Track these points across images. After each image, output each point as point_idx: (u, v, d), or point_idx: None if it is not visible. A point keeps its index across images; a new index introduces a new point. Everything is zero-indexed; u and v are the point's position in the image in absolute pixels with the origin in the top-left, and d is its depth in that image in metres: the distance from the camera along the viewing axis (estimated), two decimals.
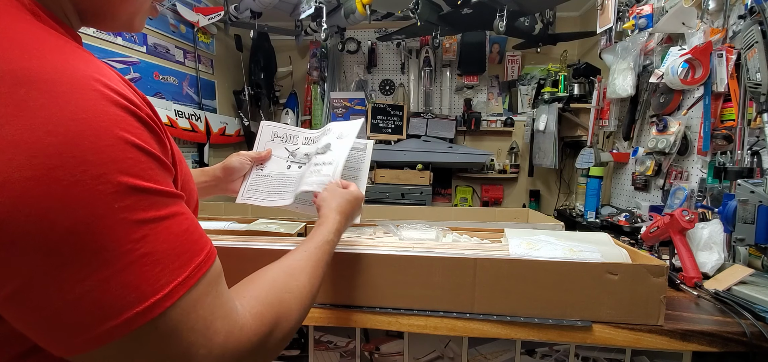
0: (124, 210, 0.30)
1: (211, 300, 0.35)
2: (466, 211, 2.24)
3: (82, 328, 0.29)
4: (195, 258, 0.34)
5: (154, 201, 0.32)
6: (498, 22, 2.27)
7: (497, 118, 3.34)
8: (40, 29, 0.32)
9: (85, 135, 0.29)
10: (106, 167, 0.29)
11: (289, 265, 0.50)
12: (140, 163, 0.32)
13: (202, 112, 2.78)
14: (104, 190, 0.29)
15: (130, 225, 0.30)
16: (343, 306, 0.80)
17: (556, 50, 3.16)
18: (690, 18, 1.53)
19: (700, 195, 1.47)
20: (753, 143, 1.26)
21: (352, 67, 3.47)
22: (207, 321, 0.34)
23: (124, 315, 0.30)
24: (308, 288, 0.49)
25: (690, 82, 1.46)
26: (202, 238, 0.36)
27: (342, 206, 0.68)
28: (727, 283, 0.93)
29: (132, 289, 0.30)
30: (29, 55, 0.29)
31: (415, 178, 3.07)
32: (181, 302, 0.32)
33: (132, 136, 0.31)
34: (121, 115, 0.31)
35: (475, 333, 0.76)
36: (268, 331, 0.40)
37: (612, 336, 0.73)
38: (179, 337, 0.33)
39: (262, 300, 0.42)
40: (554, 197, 3.28)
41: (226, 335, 0.35)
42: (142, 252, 0.31)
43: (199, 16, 2.65)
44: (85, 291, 0.29)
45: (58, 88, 0.29)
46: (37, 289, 0.28)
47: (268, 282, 0.45)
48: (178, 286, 0.32)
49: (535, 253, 0.77)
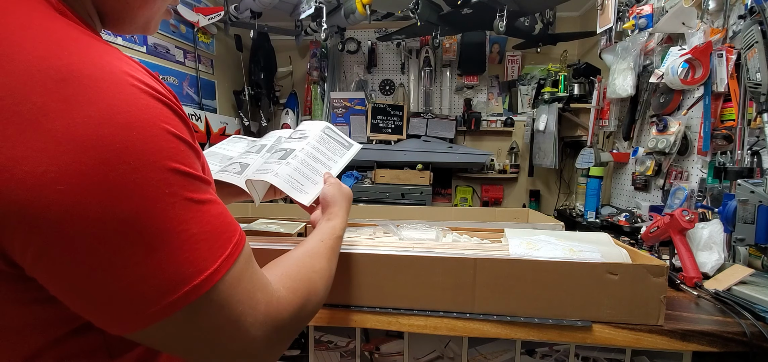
0: (174, 195, 0.32)
1: (250, 274, 0.39)
2: (466, 211, 2.24)
3: (144, 305, 0.31)
4: (233, 237, 0.37)
5: (196, 186, 0.35)
6: (498, 22, 2.27)
7: (497, 118, 3.34)
8: (71, 27, 0.33)
9: (134, 126, 0.30)
10: (155, 156, 0.31)
11: (311, 250, 0.55)
12: (181, 151, 0.34)
13: (202, 112, 2.78)
14: (156, 177, 0.31)
15: (181, 208, 0.33)
16: (343, 306, 0.80)
17: (556, 50, 3.15)
18: (690, 18, 1.53)
19: (700, 195, 1.47)
20: (753, 143, 1.26)
21: (352, 67, 3.47)
22: (250, 293, 0.38)
23: (182, 290, 0.32)
24: (328, 270, 0.55)
25: (690, 82, 1.46)
26: (233, 221, 0.39)
27: (347, 207, 0.71)
28: (727, 283, 0.93)
29: (187, 265, 0.33)
30: (68, 52, 0.30)
31: (415, 178, 3.07)
32: (228, 276, 0.35)
33: (170, 126, 0.33)
34: (159, 107, 0.33)
35: (475, 333, 0.76)
36: (302, 304, 0.45)
37: (612, 336, 0.73)
38: (230, 308, 0.36)
39: (294, 277, 0.46)
40: (554, 197, 3.28)
41: (266, 305, 0.39)
42: (192, 232, 0.33)
43: (199, 16, 2.65)
44: (147, 270, 0.31)
45: (101, 84, 0.30)
46: (100, 275, 0.30)
47: (297, 263, 0.50)
48: (224, 262, 0.35)
49: (535, 253, 0.77)
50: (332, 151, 0.83)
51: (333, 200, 0.69)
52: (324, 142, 0.84)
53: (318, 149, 0.82)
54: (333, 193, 0.70)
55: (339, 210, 0.68)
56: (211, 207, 0.36)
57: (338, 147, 0.86)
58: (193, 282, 0.33)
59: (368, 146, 3.22)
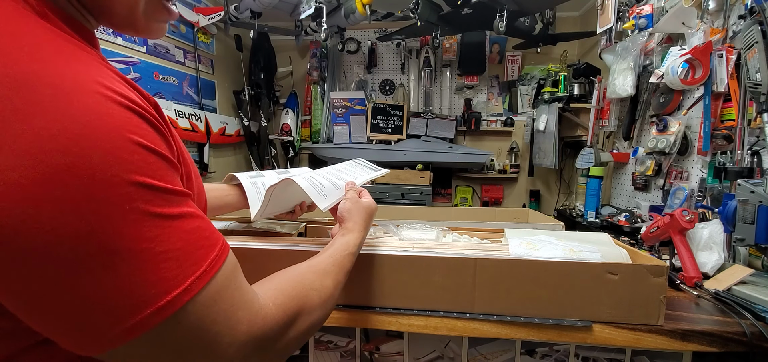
0: (137, 210, 0.30)
1: (231, 292, 0.36)
2: (466, 211, 2.24)
3: (103, 327, 0.30)
4: (209, 253, 0.35)
5: (165, 200, 0.32)
6: (498, 22, 2.27)
7: (497, 118, 3.34)
8: (43, 30, 0.31)
9: (91, 137, 0.28)
10: (115, 169, 0.29)
11: (317, 265, 0.52)
12: (149, 163, 0.32)
13: (202, 112, 2.78)
14: (115, 192, 0.29)
15: (144, 225, 0.30)
16: (344, 306, 0.80)
17: (556, 50, 3.16)
18: (690, 18, 1.53)
19: (700, 195, 1.47)
20: (753, 143, 1.26)
21: (352, 67, 3.47)
22: (228, 313, 0.35)
23: (144, 313, 0.30)
24: (331, 291, 0.51)
25: (690, 82, 1.46)
26: (213, 234, 0.37)
27: (366, 221, 0.68)
28: (727, 283, 0.93)
29: (150, 286, 0.30)
30: (30, 58, 0.28)
31: (415, 178, 3.07)
32: (200, 296, 0.33)
33: (138, 137, 0.31)
34: (127, 115, 0.31)
35: (475, 333, 0.76)
36: (290, 321, 0.42)
37: (612, 336, 0.73)
38: (203, 330, 0.33)
39: (287, 293, 0.43)
40: (554, 197, 3.28)
41: (248, 324, 0.37)
42: (157, 250, 0.31)
43: (199, 16, 2.65)
44: (103, 292, 0.29)
45: (59, 91, 0.28)
46: (56, 296, 0.28)
47: (295, 278, 0.47)
48: (195, 281, 0.33)
49: (535, 253, 0.77)
50: (358, 171, 0.86)
51: (349, 215, 0.67)
52: (352, 165, 0.88)
53: (343, 169, 0.84)
54: (349, 208, 0.68)
55: (354, 226, 0.65)
56: (183, 222, 0.33)
57: (365, 168, 0.89)
58: (157, 304, 0.31)
59: (368, 146, 3.22)
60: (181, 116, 2.57)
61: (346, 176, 0.80)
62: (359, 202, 0.70)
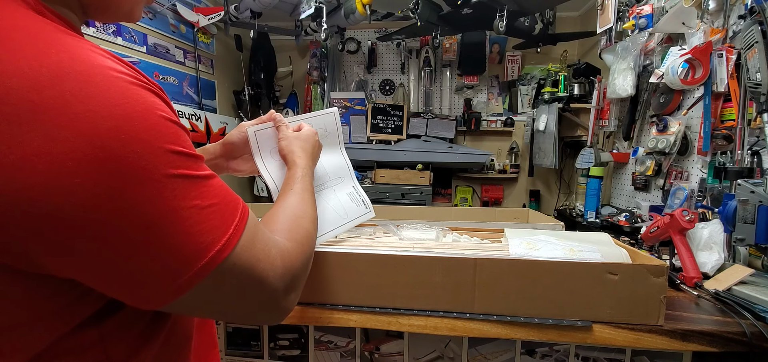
0: (180, 175, 0.34)
1: (262, 236, 0.42)
2: (466, 211, 2.24)
3: (171, 278, 0.34)
4: (238, 206, 0.40)
5: (197, 164, 0.37)
6: (498, 22, 2.27)
7: (497, 118, 3.34)
8: (53, 26, 0.33)
9: (134, 117, 0.32)
10: (158, 141, 0.33)
11: (292, 203, 0.60)
12: (178, 134, 0.35)
13: (202, 112, 2.78)
14: (162, 161, 0.33)
15: (188, 186, 0.35)
16: (344, 306, 0.80)
17: (556, 50, 3.15)
18: (690, 18, 1.52)
19: (700, 195, 1.47)
20: (753, 143, 1.26)
21: (352, 67, 3.47)
22: (266, 251, 0.42)
23: (204, 259, 0.35)
24: (311, 213, 0.61)
25: (690, 82, 1.46)
26: (232, 192, 0.42)
27: (303, 146, 0.74)
28: (727, 283, 0.93)
29: (205, 235, 0.35)
30: (57, 51, 0.31)
31: (415, 178, 3.07)
32: (242, 239, 0.39)
33: (163, 112, 0.35)
34: (150, 96, 0.35)
35: (475, 333, 0.76)
36: (305, 249, 0.51)
37: (612, 336, 0.73)
38: (252, 267, 0.39)
39: (291, 229, 0.52)
40: (554, 197, 3.28)
41: (281, 258, 0.44)
42: (203, 205, 0.36)
43: (199, 16, 2.65)
44: (167, 248, 0.33)
45: (93, 79, 0.31)
46: (126, 259, 0.32)
47: (288, 217, 0.55)
48: (236, 228, 0.38)
49: (535, 253, 0.77)
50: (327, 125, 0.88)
51: (287, 149, 0.72)
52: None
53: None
54: (283, 145, 0.74)
55: (296, 157, 0.71)
56: (213, 181, 0.38)
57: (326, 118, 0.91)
58: (215, 248, 0.36)
59: (368, 146, 3.22)
60: (181, 116, 2.57)
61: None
62: (291, 134, 0.76)
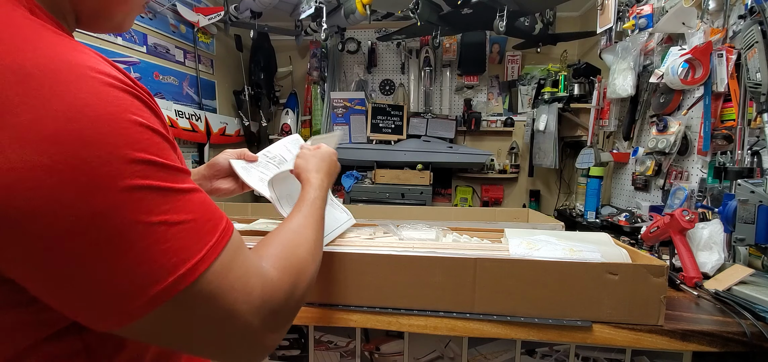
0: (151, 186, 0.31)
1: (241, 260, 0.38)
2: (466, 211, 2.24)
3: (127, 299, 0.31)
4: (219, 225, 0.37)
5: (172, 175, 0.34)
6: (498, 22, 2.27)
7: (497, 118, 3.34)
8: (38, 25, 0.32)
9: (103, 119, 0.30)
10: (127, 148, 0.30)
11: (293, 226, 0.55)
12: (154, 142, 0.33)
13: (202, 112, 2.78)
14: (129, 169, 0.30)
15: (158, 199, 0.32)
16: (343, 306, 0.80)
17: (556, 50, 3.15)
18: (690, 18, 1.52)
19: (700, 195, 1.47)
20: (753, 143, 1.26)
21: (352, 67, 3.47)
22: (242, 279, 0.37)
23: (165, 281, 0.31)
24: (314, 240, 0.55)
25: (690, 82, 1.46)
26: (218, 209, 0.38)
27: (318, 165, 0.72)
28: (727, 283, 0.93)
29: (170, 255, 0.32)
30: (33, 48, 0.29)
31: (415, 178, 3.07)
32: (216, 264, 0.35)
33: (140, 117, 0.32)
34: (129, 98, 0.32)
35: (475, 333, 0.76)
36: (294, 281, 0.45)
37: (612, 336, 0.73)
38: (222, 297, 0.35)
39: (282, 256, 0.46)
40: (554, 197, 3.28)
41: (261, 288, 0.39)
42: (172, 222, 0.32)
43: (199, 16, 2.65)
44: (126, 265, 0.30)
45: (65, 78, 0.29)
46: (80, 271, 0.29)
47: (282, 242, 0.49)
48: (210, 250, 0.35)
49: (535, 253, 0.77)
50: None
51: (303, 168, 0.71)
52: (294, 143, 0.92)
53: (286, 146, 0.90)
54: (299, 163, 0.72)
55: (309, 174, 0.69)
56: (191, 196, 0.35)
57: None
58: (178, 272, 0.32)
59: (368, 146, 3.22)
60: (181, 116, 2.57)
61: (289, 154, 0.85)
62: (308, 153, 0.74)
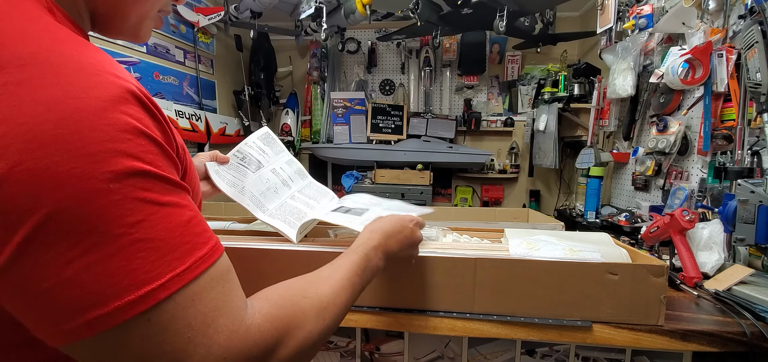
0: (120, 191, 0.28)
1: (215, 296, 0.33)
2: (466, 211, 2.24)
3: (68, 315, 0.27)
4: (196, 251, 0.32)
5: (155, 186, 0.31)
6: (498, 22, 2.27)
7: (497, 118, 3.34)
8: (53, 22, 0.33)
9: (84, 112, 0.28)
10: (105, 146, 0.28)
11: (314, 274, 0.47)
12: (141, 146, 0.31)
13: (202, 112, 2.78)
14: (99, 169, 0.28)
15: (126, 208, 0.29)
16: None
17: (556, 50, 3.15)
18: (690, 18, 1.53)
19: (700, 195, 1.47)
20: (753, 143, 1.26)
21: (352, 67, 3.47)
22: (208, 318, 0.32)
23: (113, 304, 0.28)
24: (329, 299, 0.44)
25: (690, 82, 1.46)
26: (206, 233, 0.34)
27: (371, 237, 0.59)
28: (727, 283, 0.93)
29: (123, 276, 0.28)
30: (39, 41, 0.30)
31: (415, 178, 3.08)
32: (178, 295, 0.30)
33: (134, 121, 0.31)
34: (125, 97, 0.31)
35: (475, 333, 0.76)
36: (281, 335, 0.37)
37: (612, 336, 0.73)
38: (175, 333, 0.30)
39: (278, 302, 0.39)
40: (554, 197, 3.28)
41: (229, 335, 0.32)
42: (137, 237, 0.29)
43: (199, 16, 2.65)
44: (72, 273, 0.27)
45: (63, 70, 0.29)
46: (23, 265, 0.27)
47: (291, 285, 0.43)
48: (175, 278, 0.30)
49: (535, 253, 0.77)
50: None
51: (369, 227, 0.62)
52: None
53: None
54: (364, 237, 0.60)
55: (366, 231, 0.61)
56: (172, 212, 0.31)
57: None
58: (127, 297, 0.28)
59: (368, 146, 3.22)
60: (181, 116, 2.57)
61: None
62: (372, 224, 0.64)
